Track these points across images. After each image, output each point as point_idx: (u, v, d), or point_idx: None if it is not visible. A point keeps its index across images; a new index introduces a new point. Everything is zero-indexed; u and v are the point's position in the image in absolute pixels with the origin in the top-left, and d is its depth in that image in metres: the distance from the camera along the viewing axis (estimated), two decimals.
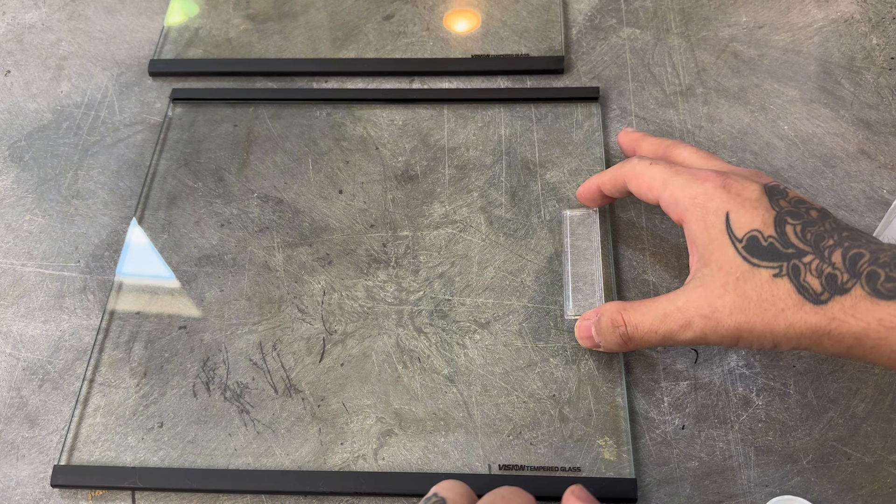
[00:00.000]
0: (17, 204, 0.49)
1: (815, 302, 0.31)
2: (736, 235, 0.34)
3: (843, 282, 0.31)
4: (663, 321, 0.35)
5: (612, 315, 0.37)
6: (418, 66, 0.53)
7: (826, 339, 0.31)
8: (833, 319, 0.30)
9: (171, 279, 0.45)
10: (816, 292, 0.31)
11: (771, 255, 0.33)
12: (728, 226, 0.34)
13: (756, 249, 0.33)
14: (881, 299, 0.29)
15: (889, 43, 0.53)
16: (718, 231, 0.34)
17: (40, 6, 0.59)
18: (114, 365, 0.42)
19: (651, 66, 0.52)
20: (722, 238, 0.34)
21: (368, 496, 0.38)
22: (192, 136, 0.51)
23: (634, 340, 0.36)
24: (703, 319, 0.33)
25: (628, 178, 0.39)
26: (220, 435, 0.40)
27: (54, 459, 0.40)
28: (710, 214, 0.34)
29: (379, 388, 0.41)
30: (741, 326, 0.33)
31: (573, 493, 0.31)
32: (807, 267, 0.32)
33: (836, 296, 0.31)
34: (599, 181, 0.42)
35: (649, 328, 0.35)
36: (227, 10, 0.58)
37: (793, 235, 0.33)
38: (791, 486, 0.37)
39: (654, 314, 0.35)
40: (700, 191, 0.35)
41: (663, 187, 0.37)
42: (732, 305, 0.33)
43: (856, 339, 0.30)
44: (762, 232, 0.33)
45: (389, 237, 0.46)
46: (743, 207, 0.34)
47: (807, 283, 0.31)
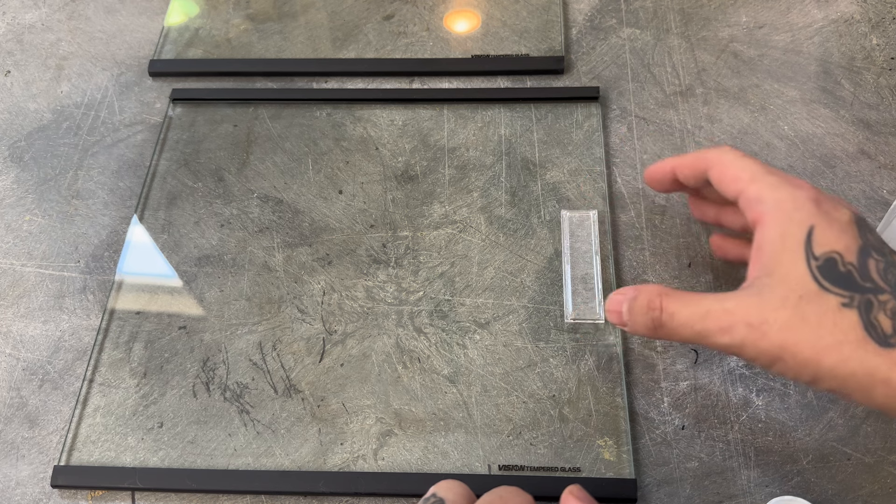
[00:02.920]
0: (17, 204, 0.49)
1: (882, 343, 0.28)
2: (814, 252, 0.31)
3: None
4: (703, 318, 0.32)
5: (650, 296, 0.34)
6: (418, 66, 0.53)
7: (881, 387, 0.28)
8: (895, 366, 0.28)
9: (170, 279, 0.45)
10: (886, 333, 0.28)
11: (845, 283, 0.30)
12: (808, 240, 0.31)
13: (831, 273, 0.30)
14: None
15: (889, 43, 0.53)
16: (795, 242, 0.31)
17: (40, 6, 0.59)
18: (114, 365, 0.42)
19: (651, 66, 0.52)
20: (797, 250, 0.31)
21: (368, 496, 0.38)
22: (192, 136, 0.51)
23: (665, 329, 0.33)
24: (747, 328, 0.31)
25: (712, 163, 0.36)
26: (220, 435, 0.40)
27: (54, 460, 0.40)
28: (793, 224, 0.31)
29: (379, 389, 0.41)
30: (787, 346, 0.30)
31: (571, 493, 0.31)
32: (881, 305, 0.29)
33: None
34: (676, 163, 0.38)
35: (685, 321, 0.32)
36: (227, 10, 0.58)
37: (874, 271, 0.30)
38: (791, 486, 0.37)
39: (695, 308, 0.32)
40: (789, 196, 0.32)
41: (751, 181, 0.34)
42: (785, 322, 0.30)
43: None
44: (842, 256, 0.30)
45: (389, 237, 0.46)
46: (830, 227, 0.31)
47: (877, 322, 0.29)
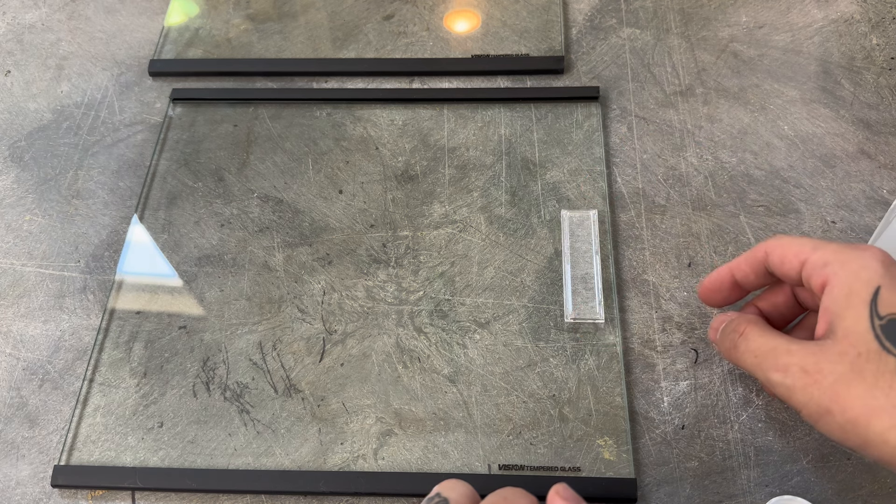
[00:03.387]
0: (17, 204, 0.49)
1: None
2: (878, 311, 0.30)
3: None
4: (767, 353, 0.33)
5: (740, 320, 0.36)
6: (418, 66, 0.53)
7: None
8: None
9: (171, 279, 0.45)
10: None
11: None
12: (874, 299, 0.31)
13: (894, 334, 0.30)
14: None
15: (889, 43, 0.53)
16: (860, 301, 0.31)
17: (40, 6, 0.59)
18: (114, 365, 0.42)
19: (651, 66, 0.52)
20: (861, 308, 0.31)
21: (368, 496, 0.38)
22: (192, 136, 0.51)
23: (738, 351, 0.35)
24: (801, 372, 0.31)
25: (771, 248, 0.36)
26: (220, 435, 0.40)
27: (54, 459, 0.40)
28: (859, 282, 0.31)
29: (379, 388, 0.41)
30: (837, 399, 0.29)
31: (558, 492, 0.30)
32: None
33: None
34: (732, 266, 0.38)
35: (753, 349, 0.34)
36: (227, 10, 0.58)
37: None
38: (791, 486, 0.37)
39: (766, 340, 0.33)
40: (856, 256, 0.32)
41: (814, 250, 0.34)
42: (840, 375, 0.30)
43: None
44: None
45: (389, 237, 0.46)
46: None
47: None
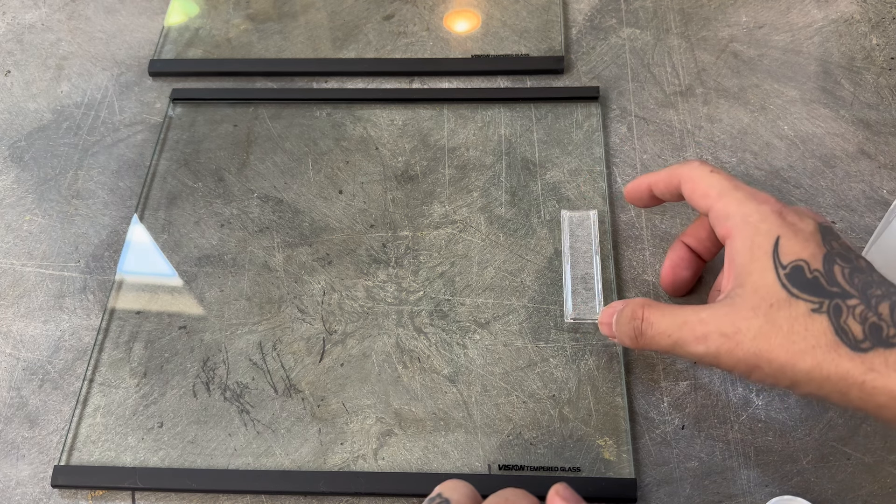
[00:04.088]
0: (17, 204, 0.49)
1: (854, 348, 0.29)
2: (781, 261, 0.32)
3: (888, 335, 0.29)
4: (680, 328, 0.33)
5: (634, 307, 0.36)
6: (418, 66, 0.53)
7: (856, 390, 0.29)
8: (871, 370, 0.28)
9: (171, 279, 0.45)
10: (857, 338, 0.29)
11: (813, 289, 0.31)
12: (775, 250, 0.32)
13: (798, 280, 0.31)
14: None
15: (889, 43, 0.53)
16: (763, 253, 0.32)
17: (40, 6, 0.59)
18: (114, 365, 0.42)
19: (651, 66, 0.52)
20: (765, 260, 0.32)
21: (368, 496, 0.38)
22: (192, 136, 0.51)
23: (646, 337, 0.35)
24: (721, 338, 0.32)
25: (685, 180, 0.37)
26: (220, 435, 0.40)
27: (54, 459, 0.40)
28: (760, 235, 0.33)
29: (379, 388, 0.41)
30: (761, 354, 0.31)
31: (557, 492, 0.30)
32: (850, 310, 0.30)
33: (878, 347, 0.29)
34: (651, 180, 0.39)
35: (663, 330, 0.34)
36: (227, 10, 0.58)
37: (840, 276, 0.31)
38: (791, 486, 0.37)
39: (673, 318, 0.34)
40: (755, 210, 0.33)
41: (718, 198, 0.35)
42: (758, 330, 0.31)
43: (892, 397, 0.28)
44: (809, 264, 0.31)
45: (389, 237, 0.46)
46: (795, 237, 0.32)
47: (847, 326, 0.29)
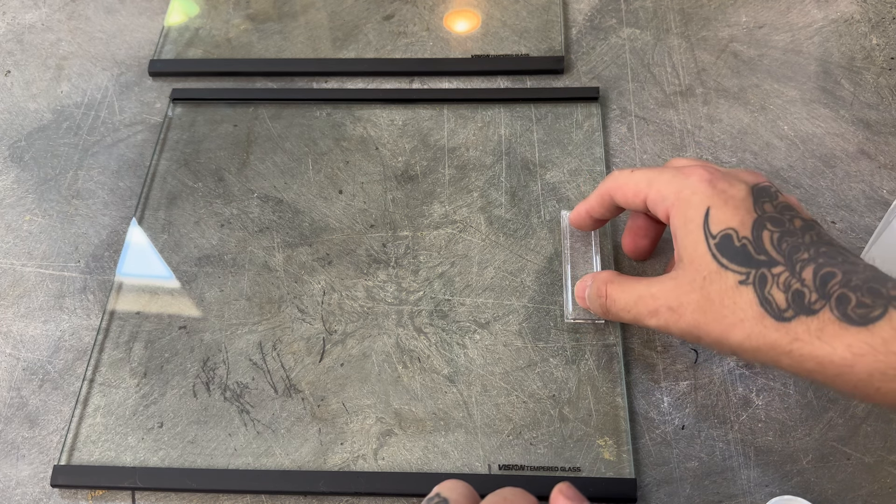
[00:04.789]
0: (17, 204, 0.49)
1: (778, 318, 0.30)
2: (711, 231, 0.33)
3: (810, 301, 0.29)
4: (636, 304, 0.35)
5: (598, 284, 0.38)
6: (418, 66, 0.53)
7: (785, 358, 0.30)
8: (795, 339, 0.29)
9: (170, 279, 0.45)
10: (780, 308, 0.30)
11: (741, 258, 0.32)
12: (706, 221, 0.33)
13: (727, 249, 0.32)
14: (850, 325, 0.28)
15: (889, 43, 0.53)
16: (696, 226, 0.33)
17: (40, 6, 0.59)
18: (114, 365, 0.42)
19: (651, 66, 0.52)
20: (697, 233, 0.33)
21: (368, 496, 0.38)
22: (192, 136, 0.51)
23: (612, 313, 0.37)
24: (668, 311, 0.33)
25: (612, 190, 0.38)
26: (220, 435, 0.40)
27: (54, 459, 0.40)
28: (692, 208, 0.34)
29: (379, 388, 0.41)
30: (700, 326, 0.32)
31: (561, 491, 0.30)
32: (775, 279, 0.30)
33: (801, 315, 0.29)
34: (587, 207, 0.41)
35: (623, 307, 0.36)
36: (227, 10, 0.58)
37: (768, 242, 0.31)
38: (791, 486, 0.37)
39: (630, 294, 0.36)
40: (685, 185, 0.34)
41: (649, 186, 0.36)
42: (696, 304, 0.32)
43: (818, 363, 0.29)
44: (737, 232, 0.32)
45: (389, 237, 0.46)
46: (725, 205, 0.33)
47: (771, 297, 0.30)
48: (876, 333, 0.27)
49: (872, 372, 0.27)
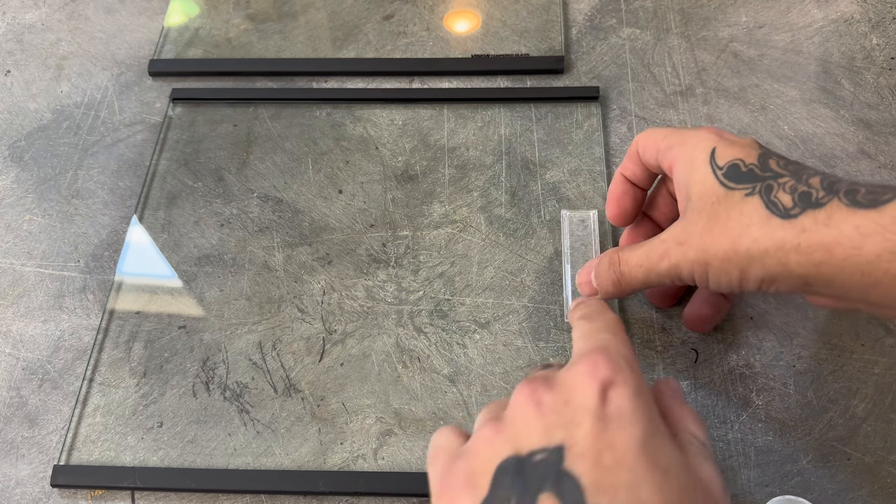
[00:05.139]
0: (17, 204, 0.49)
1: (785, 216, 0.30)
2: (718, 164, 0.33)
3: (818, 198, 0.29)
4: (648, 255, 0.35)
5: (610, 254, 0.37)
6: (418, 66, 0.53)
7: (793, 255, 0.29)
8: (803, 231, 0.29)
9: (170, 279, 0.45)
10: (786, 207, 0.30)
11: (748, 178, 0.32)
12: (712, 157, 0.33)
13: (734, 175, 0.32)
14: (859, 208, 0.28)
15: (889, 43, 0.53)
16: (702, 162, 0.33)
17: (40, 6, 0.59)
18: (113, 365, 0.42)
19: (651, 66, 0.52)
20: (704, 168, 0.33)
21: (368, 496, 0.38)
22: (192, 135, 0.51)
23: (626, 276, 0.36)
24: (678, 247, 0.33)
25: (638, 143, 0.38)
26: (220, 435, 0.40)
27: (54, 459, 0.40)
28: (698, 150, 0.34)
29: (379, 388, 0.41)
30: (708, 248, 0.31)
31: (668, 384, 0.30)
32: (781, 186, 0.31)
33: (808, 209, 0.29)
34: (621, 169, 0.40)
35: (635, 263, 0.35)
36: (227, 10, 0.58)
37: (774, 164, 0.32)
38: (791, 486, 0.37)
39: (640, 249, 0.35)
40: (692, 134, 0.35)
41: (663, 139, 0.36)
42: (703, 227, 0.32)
43: (826, 250, 0.28)
44: (744, 161, 0.32)
45: (389, 237, 0.46)
46: (731, 145, 0.33)
47: (777, 199, 0.30)
48: (885, 213, 0.27)
49: (881, 252, 0.27)
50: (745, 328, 0.42)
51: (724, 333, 0.41)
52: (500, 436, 0.27)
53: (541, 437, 0.26)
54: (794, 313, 0.42)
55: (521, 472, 0.26)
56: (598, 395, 0.26)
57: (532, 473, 0.25)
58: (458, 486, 0.27)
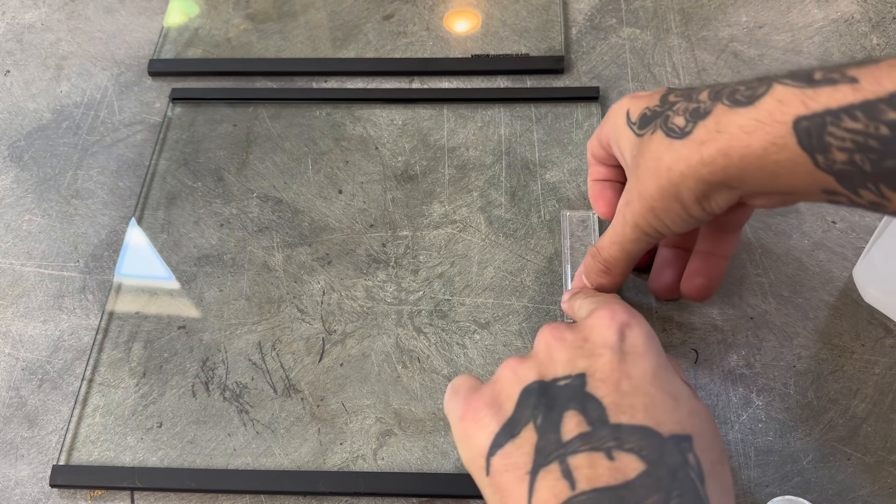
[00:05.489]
0: (17, 204, 0.49)
1: (682, 136, 0.31)
2: (632, 120, 0.35)
3: (705, 109, 0.30)
4: (614, 230, 0.36)
5: (590, 251, 0.38)
6: (418, 65, 0.53)
7: (702, 167, 0.30)
8: (701, 144, 0.30)
9: (170, 279, 0.45)
10: (681, 127, 0.31)
11: (652, 118, 0.33)
12: (627, 116, 0.35)
13: (643, 122, 0.34)
14: (740, 107, 0.29)
15: (889, 43, 0.53)
16: (622, 125, 0.35)
17: (40, 6, 0.59)
18: (113, 365, 0.42)
19: (651, 66, 0.52)
20: (624, 130, 0.35)
21: (368, 496, 0.38)
22: (192, 135, 0.51)
23: (609, 262, 0.37)
24: (627, 207, 0.34)
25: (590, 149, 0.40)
26: (220, 435, 0.40)
27: (53, 459, 0.40)
28: (618, 118, 0.36)
29: (378, 388, 0.41)
30: (642, 194, 0.33)
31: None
32: (675, 112, 0.32)
33: (699, 122, 0.30)
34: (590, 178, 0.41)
35: (609, 242, 0.36)
36: (226, 10, 0.58)
37: (672, 97, 0.33)
38: (791, 486, 0.37)
39: (609, 230, 0.36)
40: (612, 109, 0.37)
41: (600, 130, 0.39)
42: (635, 179, 0.33)
43: (725, 155, 0.29)
44: (649, 107, 0.34)
45: (389, 237, 0.46)
46: (640, 99, 0.35)
47: (672, 124, 0.31)
48: (761, 108, 0.28)
49: (766, 146, 0.28)
50: (745, 328, 0.42)
51: (724, 333, 0.41)
52: (524, 365, 0.30)
53: (564, 366, 0.29)
54: (794, 313, 0.42)
55: (545, 394, 0.29)
56: (617, 334, 0.30)
57: (556, 395, 0.28)
58: (482, 408, 0.30)
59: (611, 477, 0.26)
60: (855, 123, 0.26)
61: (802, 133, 0.27)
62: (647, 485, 0.25)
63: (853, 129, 0.26)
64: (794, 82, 0.28)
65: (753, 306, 0.42)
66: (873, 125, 0.26)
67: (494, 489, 0.28)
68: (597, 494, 0.25)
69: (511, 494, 0.27)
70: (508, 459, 0.28)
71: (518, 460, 0.28)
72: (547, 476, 0.27)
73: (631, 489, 0.25)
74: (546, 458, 0.27)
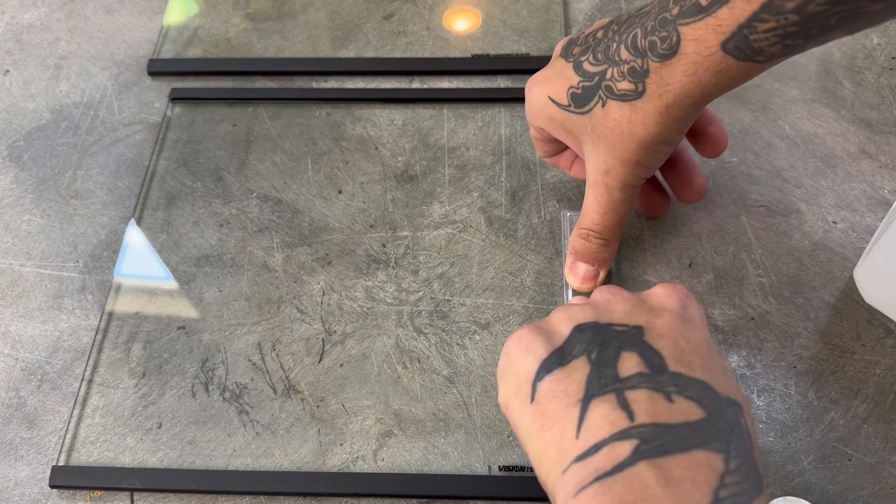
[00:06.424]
0: (16, 204, 0.49)
1: (639, 96, 0.34)
2: (563, 104, 0.37)
3: (641, 67, 0.34)
4: (598, 201, 0.38)
5: (572, 239, 0.41)
6: (418, 65, 0.53)
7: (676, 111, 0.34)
8: (659, 96, 0.33)
9: (169, 279, 0.45)
10: (632, 90, 0.34)
11: (587, 95, 0.36)
12: (554, 102, 0.37)
13: (580, 100, 0.36)
14: (668, 59, 0.32)
15: (890, 42, 0.53)
16: (555, 112, 0.38)
17: (39, 6, 0.59)
18: (112, 365, 0.42)
19: None
20: (561, 114, 0.37)
21: (368, 497, 0.38)
22: (191, 135, 0.51)
23: (606, 232, 0.39)
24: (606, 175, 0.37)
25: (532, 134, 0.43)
26: (219, 436, 0.40)
27: (53, 460, 0.40)
28: (545, 108, 0.38)
29: (378, 389, 0.41)
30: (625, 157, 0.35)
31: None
32: (612, 80, 0.35)
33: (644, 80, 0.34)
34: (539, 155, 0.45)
35: (601, 213, 0.38)
36: (226, 10, 0.57)
37: (589, 66, 0.36)
38: (792, 486, 0.37)
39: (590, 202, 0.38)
40: (528, 97, 0.39)
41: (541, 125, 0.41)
42: (607, 149, 0.36)
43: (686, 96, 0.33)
44: (573, 85, 0.36)
45: (389, 237, 0.46)
46: (551, 82, 0.37)
47: (623, 90, 0.34)
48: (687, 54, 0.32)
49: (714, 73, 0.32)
50: (745, 328, 0.42)
51: (724, 334, 0.41)
52: (582, 308, 0.30)
53: (622, 316, 0.30)
54: (794, 314, 0.42)
55: (600, 333, 0.29)
56: (678, 303, 0.30)
57: (613, 336, 0.28)
58: (534, 338, 0.29)
59: (671, 416, 0.25)
60: (768, 24, 0.30)
61: (734, 51, 0.31)
62: (707, 431, 0.25)
63: (769, 29, 0.30)
64: (692, 18, 0.31)
65: (754, 306, 0.42)
66: (782, 18, 0.29)
67: (538, 415, 0.27)
68: (657, 429, 0.25)
69: (557, 421, 0.26)
70: (558, 385, 0.27)
71: (568, 388, 0.27)
72: (601, 404, 0.26)
73: (693, 430, 0.25)
74: (601, 388, 0.26)
